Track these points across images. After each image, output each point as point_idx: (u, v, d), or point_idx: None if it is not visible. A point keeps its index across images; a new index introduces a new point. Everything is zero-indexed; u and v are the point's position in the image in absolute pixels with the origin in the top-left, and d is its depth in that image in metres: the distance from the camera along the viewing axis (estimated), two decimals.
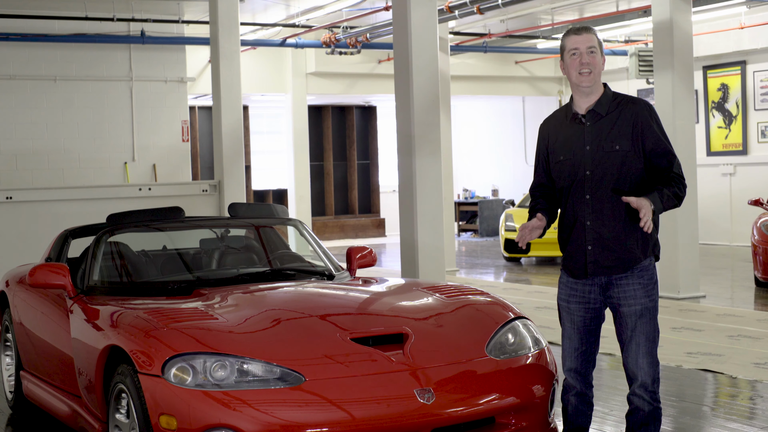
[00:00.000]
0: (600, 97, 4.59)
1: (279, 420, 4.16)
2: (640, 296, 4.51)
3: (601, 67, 4.60)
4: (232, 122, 13.30)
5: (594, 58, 4.57)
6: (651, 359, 4.54)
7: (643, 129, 4.48)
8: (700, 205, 12.87)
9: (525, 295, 12.04)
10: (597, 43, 4.59)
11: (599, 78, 4.60)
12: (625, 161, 4.48)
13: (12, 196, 12.12)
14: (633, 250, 4.48)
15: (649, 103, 4.60)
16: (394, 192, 22.21)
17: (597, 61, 4.58)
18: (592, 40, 4.58)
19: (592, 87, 4.58)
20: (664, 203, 4.41)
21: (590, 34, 4.59)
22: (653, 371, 4.54)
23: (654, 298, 4.54)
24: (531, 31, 17.98)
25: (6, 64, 15.03)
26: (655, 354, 4.55)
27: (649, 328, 4.53)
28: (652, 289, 4.53)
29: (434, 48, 9.77)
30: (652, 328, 4.54)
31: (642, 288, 4.51)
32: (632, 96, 4.65)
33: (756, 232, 11.78)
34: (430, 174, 9.70)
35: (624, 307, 4.53)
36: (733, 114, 18.18)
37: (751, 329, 9.13)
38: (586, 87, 4.58)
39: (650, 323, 4.53)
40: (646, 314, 4.52)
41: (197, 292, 5.55)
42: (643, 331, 4.52)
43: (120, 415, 4.77)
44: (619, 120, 4.51)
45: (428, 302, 5.26)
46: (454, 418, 4.40)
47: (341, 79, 20.88)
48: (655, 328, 4.55)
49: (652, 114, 4.55)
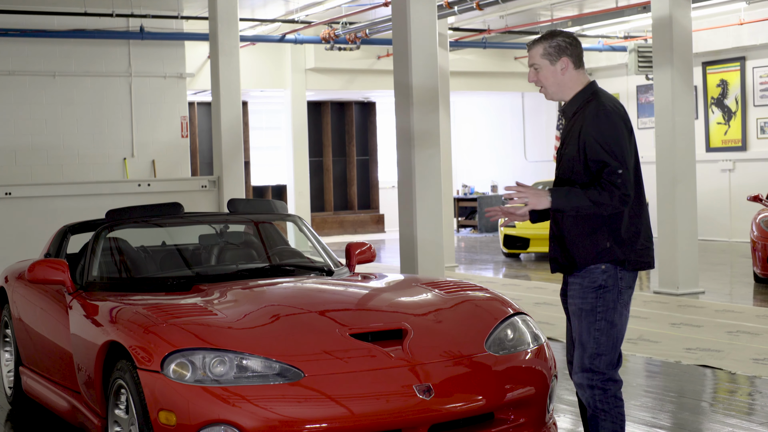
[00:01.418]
0: (572, 99, 4.50)
1: (278, 415, 4.17)
2: (577, 296, 4.40)
3: (552, 80, 4.47)
4: (232, 118, 13.31)
5: (538, 75, 4.50)
6: (582, 362, 4.40)
7: (584, 135, 4.34)
8: (700, 201, 12.86)
9: (524, 291, 12.04)
10: (541, 55, 4.46)
11: (560, 88, 4.49)
12: (573, 167, 4.38)
13: (11, 191, 12.12)
14: (582, 253, 4.37)
15: (600, 107, 4.36)
16: (394, 188, 22.20)
17: (542, 77, 4.49)
18: (533, 57, 4.50)
19: (555, 97, 4.53)
20: (570, 199, 4.26)
21: (533, 50, 4.50)
22: (586, 375, 4.38)
23: (590, 302, 4.35)
24: (530, 27, 17.97)
25: (5, 60, 15.01)
26: (592, 361, 4.36)
27: (584, 329, 4.38)
28: (590, 293, 4.35)
29: (433, 44, 9.77)
30: (587, 331, 4.36)
31: (581, 289, 4.38)
32: (596, 99, 4.42)
33: (755, 228, 11.79)
34: (430, 170, 9.70)
35: (569, 306, 4.50)
36: (733, 110, 18.17)
37: (750, 325, 9.13)
38: (548, 99, 4.60)
39: (585, 326, 4.37)
40: (581, 316, 4.39)
41: (196, 287, 5.55)
42: (578, 333, 4.41)
43: (119, 411, 4.77)
44: (575, 125, 4.43)
45: (427, 298, 5.26)
46: (453, 413, 4.41)
47: (340, 74, 20.87)
48: (590, 332, 4.35)
49: (597, 119, 4.32)
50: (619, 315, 4.40)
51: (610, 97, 4.49)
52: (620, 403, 4.42)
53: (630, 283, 4.43)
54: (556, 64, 4.47)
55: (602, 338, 4.36)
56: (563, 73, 4.48)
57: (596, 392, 4.39)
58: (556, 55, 4.46)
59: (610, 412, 4.39)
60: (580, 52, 4.52)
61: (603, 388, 4.39)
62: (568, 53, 4.46)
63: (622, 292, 4.40)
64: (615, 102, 4.46)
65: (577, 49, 4.50)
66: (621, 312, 4.41)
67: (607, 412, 4.39)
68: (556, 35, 4.50)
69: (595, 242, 4.35)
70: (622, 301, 4.41)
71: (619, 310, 4.40)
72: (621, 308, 4.41)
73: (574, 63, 4.48)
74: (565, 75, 4.48)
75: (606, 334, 4.37)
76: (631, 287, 4.44)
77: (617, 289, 4.37)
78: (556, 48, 4.46)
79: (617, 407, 4.41)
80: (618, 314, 4.40)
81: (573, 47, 4.48)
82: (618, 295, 4.38)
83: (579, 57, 4.50)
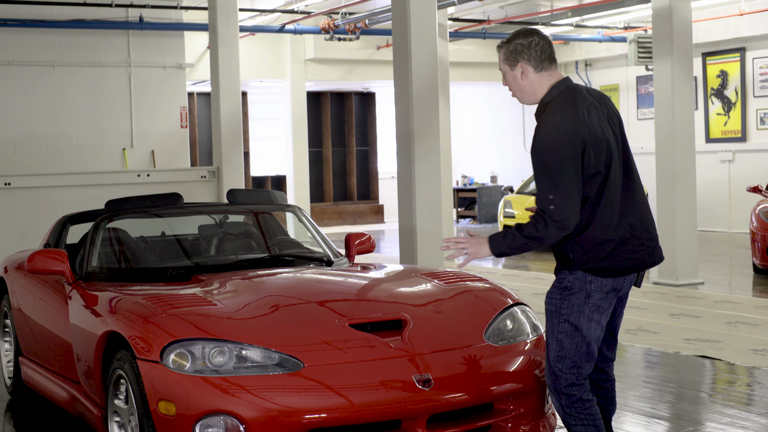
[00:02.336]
0: (539, 104, 4.28)
1: (277, 406, 4.17)
2: (547, 296, 4.28)
3: (514, 85, 4.27)
4: (231, 108, 13.30)
5: (506, 79, 4.31)
6: (547, 363, 4.29)
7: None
8: (699, 192, 12.87)
9: (523, 282, 12.05)
10: (502, 61, 4.26)
11: (524, 93, 4.28)
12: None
13: (10, 182, 12.12)
14: (559, 260, 4.26)
15: (541, 126, 4.11)
16: (393, 178, 22.20)
17: (509, 81, 4.29)
18: (499, 62, 4.31)
19: (523, 101, 4.34)
20: (508, 242, 4.13)
21: (498, 55, 4.31)
22: (550, 378, 4.26)
23: (555, 302, 4.20)
24: (530, 17, 17.95)
25: (4, 50, 14.99)
26: (555, 362, 4.22)
27: (548, 330, 4.26)
28: (555, 293, 4.20)
29: (433, 34, 9.75)
30: (551, 332, 4.24)
31: (551, 289, 4.26)
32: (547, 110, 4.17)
33: (754, 218, 11.79)
34: (429, 160, 9.69)
35: None
36: (732, 101, 18.16)
37: (750, 316, 9.14)
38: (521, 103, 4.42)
39: (549, 326, 4.25)
40: (546, 316, 4.26)
41: (196, 278, 5.55)
42: (545, 334, 4.33)
43: (119, 401, 4.78)
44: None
45: (427, 288, 5.27)
46: (452, 404, 4.41)
47: (340, 65, 20.85)
48: (554, 333, 4.21)
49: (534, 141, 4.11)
50: (588, 319, 4.17)
51: (564, 105, 4.15)
52: (588, 404, 4.23)
53: (606, 288, 4.17)
54: (515, 69, 4.25)
55: (565, 341, 4.18)
56: (523, 79, 4.24)
57: (562, 397, 4.24)
58: (514, 60, 4.23)
59: (579, 416, 4.23)
60: (542, 52, 4.21)
61: (567, 393, 4.22)
62: (525, 57, 4.20)
63: (591, 295, 4.15)
64: (567, 113, 4.10)
65: (536, 50, 4.20)
66: (590, 317, 4.17)
67: (575, 416, 4.23)
68: (515, 37, 4.25)
69: (561, 253, 4.23)
70: (591, 305, 4.16)
71: (588, 314, 4.16)
72: (591, 313, 4.17)
73: (533, 66, 4.20)
74: (525, 80, 4.25)
75: (569, 337, 4.17)
76: (609, 292, 4.18)
77: (584, 293, 4.15)
78: (513, 52, 4.23)
79: (586, 410, 4.23)
80: (585, 318, 4.16)
81: (530, 49, 4.19)
82: (585, 299, 4.15)
83: (540, 59, 4.20)
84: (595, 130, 4.11)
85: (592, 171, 4.09)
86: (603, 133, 4.14)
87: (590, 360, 4.24)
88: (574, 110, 4.11)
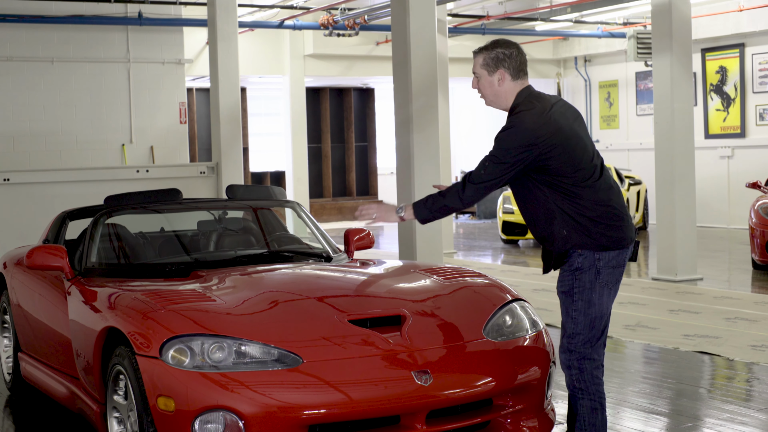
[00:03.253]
0: (510, 109, 4.61)
1: (277, 401, 4.17)
2: (558, 281, 4.56)
3: (489, 90, 4.61)
4: (230, 104, 13.30)
5: (478, 83, 4.65)
6: (562, 340, 4.53)
7: None
8: (698, 188, 12.87)
9: (522, 278, 12.05)
10: (480, 65, 4.59)
11: (497, 98, 4.62)
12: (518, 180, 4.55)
13: (9, 178, 12.11)
14: (553, 245, 4.51)
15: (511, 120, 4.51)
16: (392, 174, 22.19)
17: (481, 86, 4.64)
18: (475, 66, 4.63)
19: (492, 105, 4.67)
20: (430, 208, 4.62)
21: (475, 59, 4.63)
22: (564, 355, 4.51)
23: (567, 283, 4.48)
24: (529, 13, 17.94)
25: (3, 46, 14.97)
26: (570, 340, 4.48)
27: (563, 310, 4.52)
28: (567, 275, 4.48)
29: (432, 30, 9.75)
30: (565, 312, 4.50)
31: (561, 273, 4.54)
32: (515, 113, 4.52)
33: (754, 214, 11.79)
34: (428, 156, 9.70)
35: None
36: (732, 97, 18.16)
37: (748, 312, 9.15)
38: (487, 106, 4.74)
39: (563, 307, 4.52)
40: (560, 298, 4.55)
41: (195, 273, 5.55)
42: (562, 316, 4.56)
43: (118, 397, 4.78)
44: None
45: (426, 284, 5.27)
46: (451, 399, 4.41)
47: (339, 61, 20.84)
48: (569, 312, 4.49)
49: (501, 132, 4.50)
50: (599, 295, 4.45)
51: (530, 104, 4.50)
52: (598, 381, 4.49)
53: (613, 263, 4.46)
54: (493, 75, 4.58)
55: (579, 317, 4.46)
56: (500, 84, 4.58)
57: (573, 372, 4.49)
58: (494, 66, 4.57)
59: (587, 390, 4.47)
60: (520, 63, 4.58)
61: (579, 368, 4.47)
62: (506, 65, 4.56)
63: (601, 272, 4.44)
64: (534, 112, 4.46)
65: (516, 61, 4.57)
66: (601, 292, 4.46)
67: (584, 390, 4.47)
68: (497, 46, 4.59)
69: (554, 232, 4.47)
70: (601, 281, 4.45)
71: (599, 290, 4.45)
72: (601, 288, 4.45)
73: (511, 75, 4.56)
74: (501, 86, 4.59)
75: (583, 313, 4.45)
76: (615, 267, 4.48)
77: (594, 269, 4.43)
78: (494, 59, 4.56)
79: (595, 385, 4.48)
80: (597, 294, 4.45)
81: (511, 59, 4.56)
82: (596, 275, 4.44)
83: (518, 69, 4.57)
84: (562, 126, 4.44)
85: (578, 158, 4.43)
86: (571, 128, 4.48)
87: (602, 335, 4.52)
88: (540, 108, 4.48)
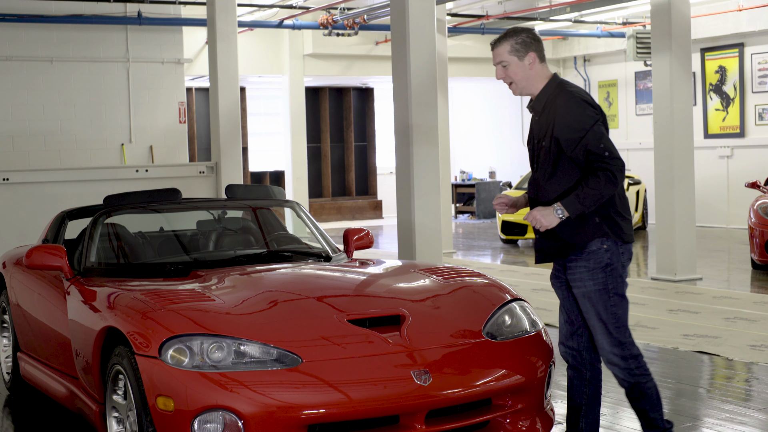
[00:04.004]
0: (539, 94, 4.71)
1: (276, 401, 4.17)
2: (585, 279, 4.61)
3: (521, 75, 4.69)
4: (229, 104, 13.29)
5: (507, 71, 4.71)
6: (610, 338, 4.62)
7: (558, 127, 4.54)
8: (697, 188, 12.87)
9: (522, 277, 12.05)
10: (508, 52, 4.67)
11: (529, 82, 4.70)
12: (554, 158, 4.58)
13: (9, 177, 12.10)
14: (571, 237, 4.58)
15: (570, 98, 4.57)
16: (392, 174, 22.19)
17: (511, 72, 4.70)
18: (500, 55, 4.70)
19: (524, 91, 4.74)
20: (583, 200, 4.44)
21: (499, 48, 4.71)
22: (617, 350, 4.61)
23: (600, 281, 4.58)
24: (529, 12, 17.93)
25: (2, 45, 14.97)
26: (617, 333, 4.61)
27: (601, 308, 4.60)
28: (598, 273, 4.58)
29: (432, 29, 9.74)
30: (604, 309, 4.59)
31: (587, 271, 4.59)
32: (563, 90, 4.62)
33: (753, 214, 11.79)
34: (428, 156, 9.69)
35: (574, 289, 4.69)
36: (731, 96, 18.16)
37: (748, 311, 9.15)
38: (516, 95, 4.81)
39: (601, 304, 4.60)
40: (594, 297, 4.60)
41: (194, 273, 5.55)
42: (594, 314, 4.62)
43: (117, 397, 4.78)
44: (548, 116, 4.63)
45: (425, 284, 5.27)
46: (450, 399, 4.41)
47: (338, 60, 20.83)
48: (607, 309, 4.59)
49: (569, 109, 4.53)
50: (625, 285, 4.67)
51: (575, 87, 4.68)
52: (642, 358, 4.68)
53: (629, 256, 4.66)
54: (524, 59, 4.68)
55: (618, 311, 4.62)
56: (531, 68, 4.69)
57: (630, 362, 4.61)
58: (524, 51, 4.67)
59: (646, 372, 4.64)
60: (543, 47, 4.75)
61: (633, 355, 4.63)
62: (534, 48, 4.68)
63: (624, 265, 4.65)
64: (581, 91, 4.64)
65: (540, 45, 4.72)
66: (625, 282, 4.67)
67: (644, 374, 4.63)
68: (520, 32, 4.70)
69: (584, 220, 4.54)
70: (624, 273, 4.66)
71: (624, 281, 4.67)
72: (624, 279, 4.68)
73: (539, 57, 4.70)
74: (533, 69, 4.69)
75: (620, 307, 4.63)
76: (630, 260, 4.68)
77: (620, 263, 4.62)
78: (522, 44, 4.67)
79: (644, 363, 4.66)
80: (624, 285, 4.67)
81: (537, 42, 4.70)
82: (622, 269, 4.64)
83: (542, 52, 4.72)
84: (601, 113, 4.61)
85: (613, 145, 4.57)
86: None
87: None
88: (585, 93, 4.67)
